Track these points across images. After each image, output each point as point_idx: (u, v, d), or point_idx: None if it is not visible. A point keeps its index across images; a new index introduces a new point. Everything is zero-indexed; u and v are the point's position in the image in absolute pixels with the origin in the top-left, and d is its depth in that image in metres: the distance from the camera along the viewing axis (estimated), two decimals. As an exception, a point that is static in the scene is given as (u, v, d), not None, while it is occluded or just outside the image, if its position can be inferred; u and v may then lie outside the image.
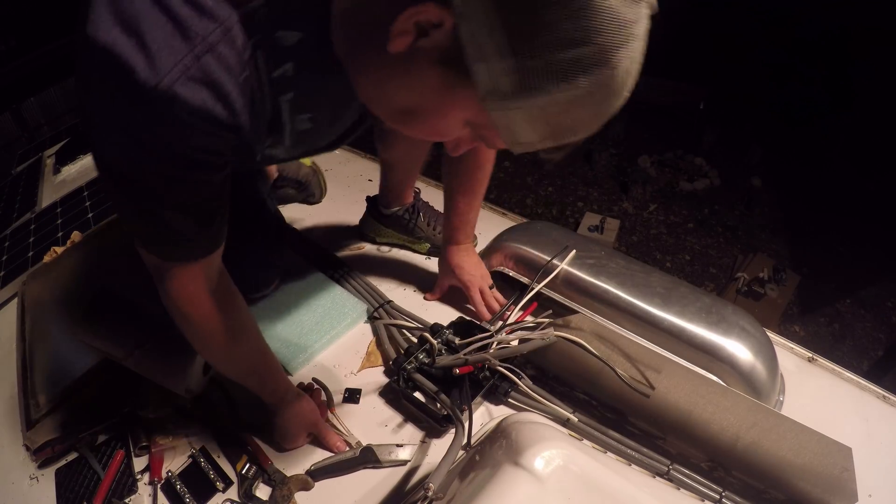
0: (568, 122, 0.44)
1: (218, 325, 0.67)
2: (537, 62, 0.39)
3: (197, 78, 0.43)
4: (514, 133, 0.45)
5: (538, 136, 0.45)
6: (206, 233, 0.58)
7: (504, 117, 0.43)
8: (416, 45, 0.42)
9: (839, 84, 3.63)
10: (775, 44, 4.18)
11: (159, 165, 0.48)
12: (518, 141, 0.46)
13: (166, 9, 0.42)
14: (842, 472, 0.65)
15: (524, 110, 0.42)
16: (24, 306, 1.15)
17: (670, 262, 2.84)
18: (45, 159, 2.04)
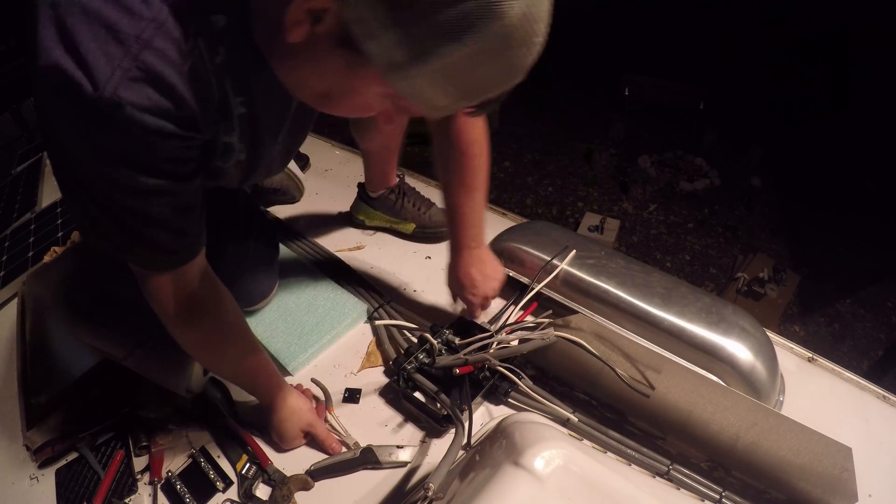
0: (475, 81, 0.44)
1: (203, 326, 0.68)
2: (422, 28, 0.39)
3: (138, 77, 0.43)
4: (425, 99, 0.45)
5: (449, 98, 0.45)
6: (183, 242, 0.59)
7: (409, 86, 0.44)
8: (314, 31, 0.43)
9: (839, 84, 3.63)
10: (775, 44, 4.19)
11: (128, 179, 0.48)
12: (433, 106, 0.46)
13: (97, 17, 0.42)
14: (842, 472, 0.65)
15: (425, 76, 0.42)
16: (24, 306, 1.15)
17: (670, 262, 2.84)
18: (45, 159, 2.04)
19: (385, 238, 1.27)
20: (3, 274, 1.40)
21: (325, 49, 0.45)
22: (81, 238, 0.58)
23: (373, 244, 1.26)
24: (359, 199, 1.27)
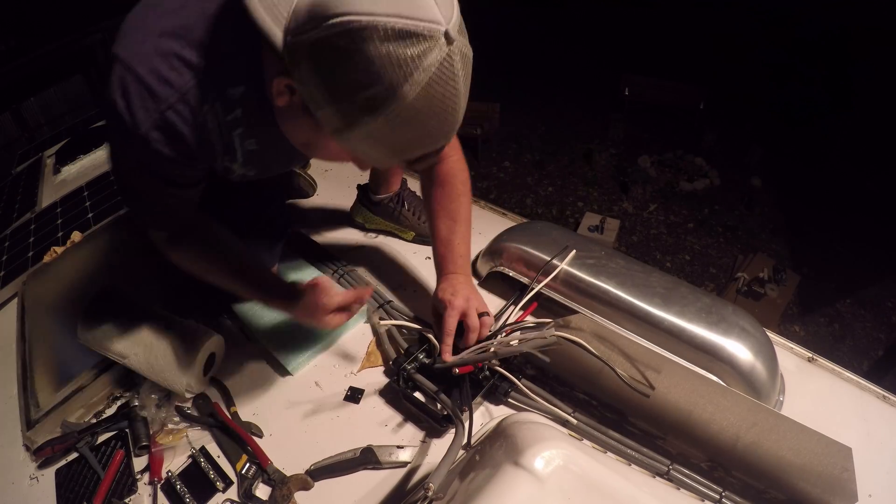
0: (400, 142, 0.58)
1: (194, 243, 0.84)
2: (347, 105, 0.55)
3: (160, 126, 0.64)
4: (364, 154, 0.62)
5: (381, 155, 0.61)
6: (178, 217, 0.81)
7: (349, 145, 0.59)
8: (292, 100, 0.60)
9: (839, 84, 3.64)
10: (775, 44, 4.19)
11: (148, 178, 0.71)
12: (374, 160, 0.63)
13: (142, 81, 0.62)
14: (842, 472, 0.65)
15: (358, 139, 0.57)
16: (24, 306, 1.15)
17: (670, 262, 2.84)
18: (45, 159, 2.04)
19: (385, 238, 1.27)
20: (3, 274, 1.40)
21: (298, 113, 0.61)
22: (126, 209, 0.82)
23: (373, 244, 1.26)
24: (359, 203, 1.27)
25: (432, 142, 0.60)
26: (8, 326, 1.15)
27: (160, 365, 0.87)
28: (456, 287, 0.89)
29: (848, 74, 3.63)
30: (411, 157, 0.61)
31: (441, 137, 0.59)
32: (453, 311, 0.86)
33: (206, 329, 0.93)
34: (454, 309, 0.86)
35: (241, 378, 0.96)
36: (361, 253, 1.23)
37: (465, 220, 0.96)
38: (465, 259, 0.96)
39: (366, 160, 0.65)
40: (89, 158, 1.90)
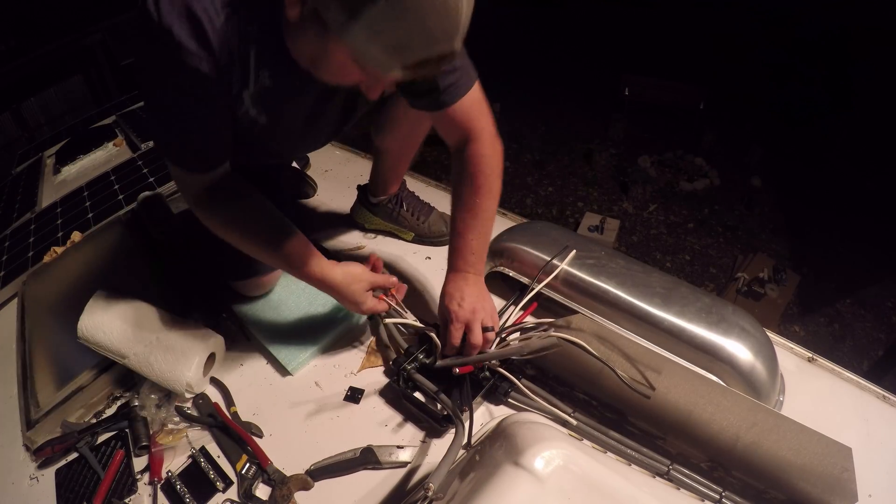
0: (400, 37, 0.57)
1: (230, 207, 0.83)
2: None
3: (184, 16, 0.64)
4: (368, 55, 0.60)
5: (381, 52, 0.59)
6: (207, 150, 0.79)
7: (353, 42, 0.59)
8: (303, 10, 0.61)
9: (839, 84, 3.64)
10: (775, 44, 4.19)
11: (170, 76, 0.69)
12: (377, 63, 0.60)
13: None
14: (842, 472, 0.65)
15: (361, 32, 0.57)
16: (24, 306, 1.15)
17: (670, 262, 2.84)
18: (45, 159, 2.04)
19: (385, 239, 1.27)
20: (3, 274, 1.40)
21: (308, 22, 0.62)
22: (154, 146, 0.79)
23: (373, 245, 1.26)
24: (359, 203, 1.27)
25: (432, 43, 0.58)
26: (8, 326, 1.15)
27: (160, 365, 0.87)
28: (464, 293, 0.87)
29: (848, 74, 3.63)
30: (412, 59, 0.59)
31: (442, 38, 0.58)
32: (458, 324, 0.85)
33: (206, 329, 0.93)
34: (459, 322, 0.85)
35: (241, 378, 0.96)
36: (362, 253, 1.23)
37: (486, 214, 0.91)
38: (479, 257, 0.91)
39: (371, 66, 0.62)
40: (89, 158, 1.91)
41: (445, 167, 3.44)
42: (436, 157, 3.38)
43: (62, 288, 1.20)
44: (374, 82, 0.68)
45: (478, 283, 0.90)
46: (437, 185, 1.45)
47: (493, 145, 0.91)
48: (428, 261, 1.20)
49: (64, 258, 1.30)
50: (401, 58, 0.59)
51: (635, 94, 3.79)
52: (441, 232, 1.23)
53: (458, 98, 0.86)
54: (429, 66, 0.61)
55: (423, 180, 1.45)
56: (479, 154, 0.89)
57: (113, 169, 1.76)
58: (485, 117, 0.91)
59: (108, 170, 1.77)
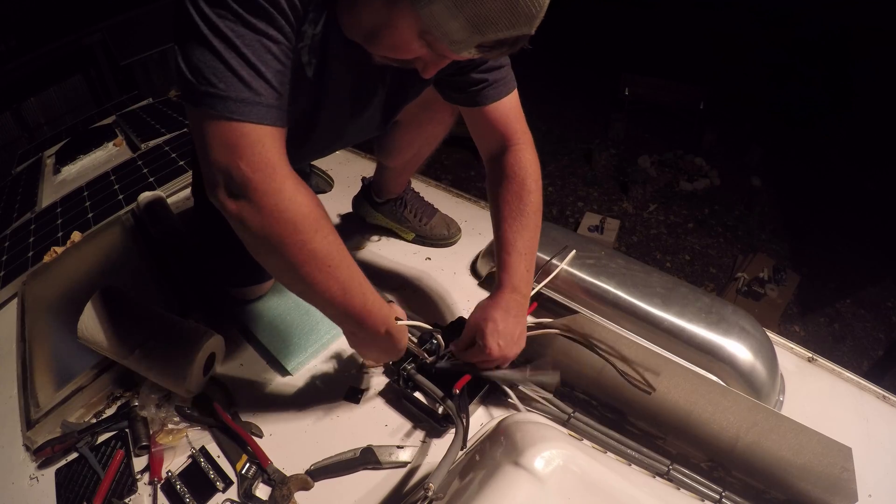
0: (483, 12, 0.53)
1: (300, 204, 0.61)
2: None
3: None
4: (443, 29, 0.55)
5: (459, 26, 0.54)
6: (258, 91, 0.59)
7: (430, 15, 0.54)
8: None
9: (839, 84, 3.64)
10: (775, 44, 4.19)
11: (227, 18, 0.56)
12: (451, 38, 0.56)
13: None
14: (842, 472, 0.65)
15: (442, 3, 0.53)
16: (24, 306, 1.15)
17: (670, 262, 2.84)
18: (45, 159, 2.04)
19: (386, 239, 1.27)
20: (3, 274, 1.40)
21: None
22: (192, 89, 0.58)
23: (374, 246, 1.26)
24: (362, 198, 1.27)
25: (515, 21, 0.54)
26: (8, 326, 1.15)
27: (160, 365, 0.87)
28: (508, 329, 0.79)
29: (848, 74, 3.64)
30: (489, 38, 0.55)
31: (524, 20, 0.55)
32: (491, 361, 0.81)
33: (206, 329, 0.93)
34: (492, 360, 0.80)
35: (241, 378, 0.96)
36: (362, 253, 1.23)
37: (535, 223, 0.85)
38: (530, 276, 0.85)
39: (442, 41, 0.56)
40: (89, 158, 1.91)
41: (446, 167, 3.44)
42: (436, 157, 3.38)
43: (62, 288, 1.20)
44: (435, 60, 0.63)
45: (523, 314, 0.83)
46: (437, 185, 1.45)
47: (534, 153, 0.86)
48: (428, 261, 1.20)
49: (64, 258, 1.30)
50: (480, 35, 0.55)
51: (635, 93, 3.79)
52: (442, 235, 1.23)
53: (498, 98, 0.82)
54: (504, 47, 0.58)
55: (425, 181, 1.45)
56: (525, 160, 0.84)
57: (113, 169, 1.76)
58: (522, 122, 0.87)
59: (108, 170, 1.77)
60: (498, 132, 0.85)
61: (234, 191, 0.59)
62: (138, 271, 1.14)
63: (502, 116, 0.84)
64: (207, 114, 0.58)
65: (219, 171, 0.59)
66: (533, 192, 0.84)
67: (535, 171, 0.86)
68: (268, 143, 0.59)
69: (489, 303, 0.82)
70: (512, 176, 0.84)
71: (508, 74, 0.82)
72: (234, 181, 0.58)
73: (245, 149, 0.58)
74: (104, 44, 3.08)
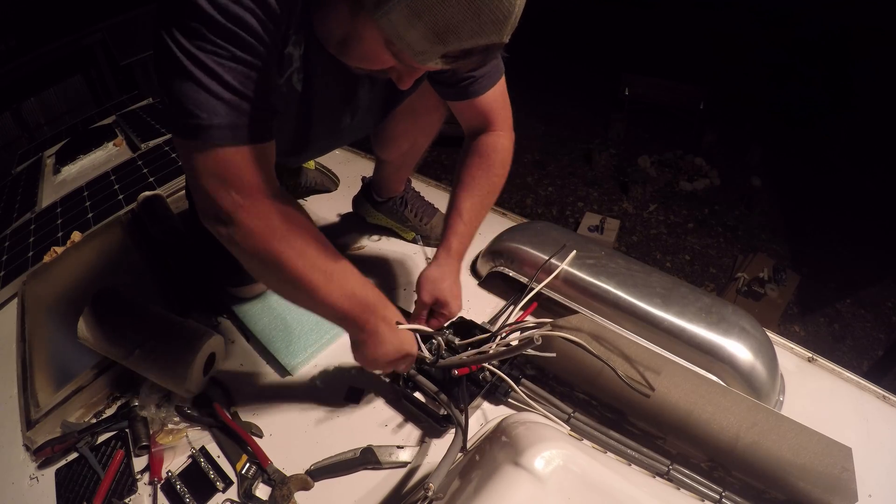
0: (445, 20, 0.50)
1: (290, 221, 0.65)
2: None
3: None
4: (405, 40, 0.53)
5: (422, 36, 0.52)
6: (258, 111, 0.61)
7: (390, 24, 0.53)
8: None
9: (839, 84, 3.64)
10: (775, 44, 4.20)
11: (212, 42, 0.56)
12: (413, 49, 0.54)
13: None
14: (842, 472, 0.65)
15: (398, 12, 0.51)
16: (24, 306, 1.15)
17: (670, 262, 2.84)
18: (45, 159, 2.04)
19: (385, 239, 1.27)
20: (3, 274, 1.40)
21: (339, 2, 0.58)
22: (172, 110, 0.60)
23: (374, 245, 1.26)
24: (363, 197, 1.27)
25: (481, 28, 0.51)
26: (8, 326, 1.15)
27: (160, 365, 0.87)
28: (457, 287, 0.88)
29: (848, 74, 3.64)
30: (454, 48, 0.53)
31: (491, 27, 0.51)
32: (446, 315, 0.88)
33: (206, 329, 0.93)
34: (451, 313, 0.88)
35: (241, 378, 0.96)
36: (362, 253, 1.23)
37: (489, 201, 0.91)
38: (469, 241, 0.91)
39: (406, 52, 0.55)
40: (89, 158, 1.91)
41: (446, 167, 3.44)
42: (436, 157, 3.38)
43: (62, 288, 1.20)
44: (408, 71, 0.62)
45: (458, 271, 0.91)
46: (437, 185, 1.45)
47: (510, 139, 0.91)
48: (428, 261, 1.20)
49: (64, 258, 1.30)
50: (443, 45, 0.52)
51: (635, 94, 3.79)
52: None
53: (486, 90, 0.84)
54: (472, 57, 0.55)
55: (425, 181, 1.45)
56: (498, 146, 0.89)
57: (113, 169, 1.77)
58: (506, 109, 0.90)
59: (108, 170, 1.77)
60: (480, 118, 0.89)
61: (222, 217, 0.62)
62: (138, 271, 1.14)
63: (487, 105, 0.87)
64: (192, 145, 0.60)
65: (208, 200, 0.62)
66: (496, 174, 0.89)
67: (505, 157, 0.90)
68: (253, 163, 0.62)
69: (439, 272, 0.87)
70: (483, 153, 0.89)
71: (495, 65, 0.84)
72: (222, 209, 0.61)
73: (231, 175, 0.61)
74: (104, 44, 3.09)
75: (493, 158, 0.89)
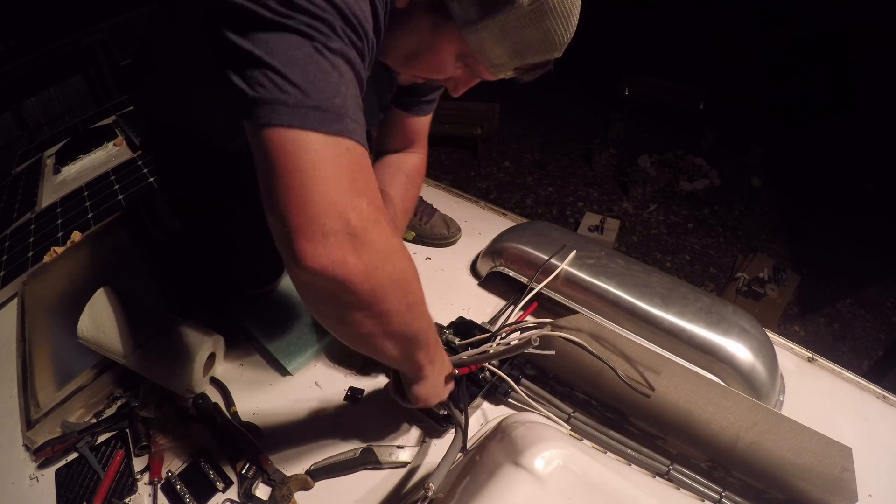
0: (525, 41, 0.58)
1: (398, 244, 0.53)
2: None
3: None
4: (487, 54, 0.60)
5: (504, 52, 0.60)
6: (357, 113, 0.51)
7: (477, 41, 0.59)
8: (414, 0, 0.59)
9: (839, 84, 3.64)
10: (775, 44, 4.20)
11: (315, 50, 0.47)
12: (493, 62, 0.61)
13: None
14: (842, 472, 0.65)
15: (490, 30, 0.57)
16: (24, 306, 1.15)
17: (670, 262, 2.84)
18: (45, 159, 2.04)
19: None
20: (3, 274, 1.40)
21: (418, 14, 0.60)
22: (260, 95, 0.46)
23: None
24: None
25: (551, 47, 0.60)
26: (8, 326, 1.15)
27: (160, 364, 0.87)
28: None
29: (848, 74, 3.64)
30: (526, 62, 0.61)
31: (558, 45, 0.61)
32: None
33: (206, 329, 0.93)
34: None
35: (241, 378, 0.96)
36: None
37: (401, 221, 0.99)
38: None
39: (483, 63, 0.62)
40: (89, 158, 1.90)
41: (446, 167, 3.44)
42: (436, 158, 3.38)
43: (62, 288, 1.20)
44: (467, 80, 0.69)
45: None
46: (437, 185, 1.45)
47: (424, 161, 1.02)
48: (428, 261, 1.20)
49: (64, 258, 1.30)
50: (520, 59, 0.61)
51: (635, 94, 3.80)
52: (442, 235, 1.23)
53: (426, 114, 0.96)
54: (538, 70, 0.63)
55: (425, 181, 1.44)
56: (421, 171, 1.01)
57: (113, 169, 1.76)
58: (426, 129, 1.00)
59: (108, 170, 1.77)
60: (411, 138, 0.99)
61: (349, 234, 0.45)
62: (138, 271, 1.14)
63: (422, 127, 0.98)
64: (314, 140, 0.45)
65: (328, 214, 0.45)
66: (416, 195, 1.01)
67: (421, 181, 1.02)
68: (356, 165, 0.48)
69: None
70: (408, 173, 0.97)
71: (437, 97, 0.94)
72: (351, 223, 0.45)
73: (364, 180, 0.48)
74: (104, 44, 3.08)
75: (417, 182, 1.00)
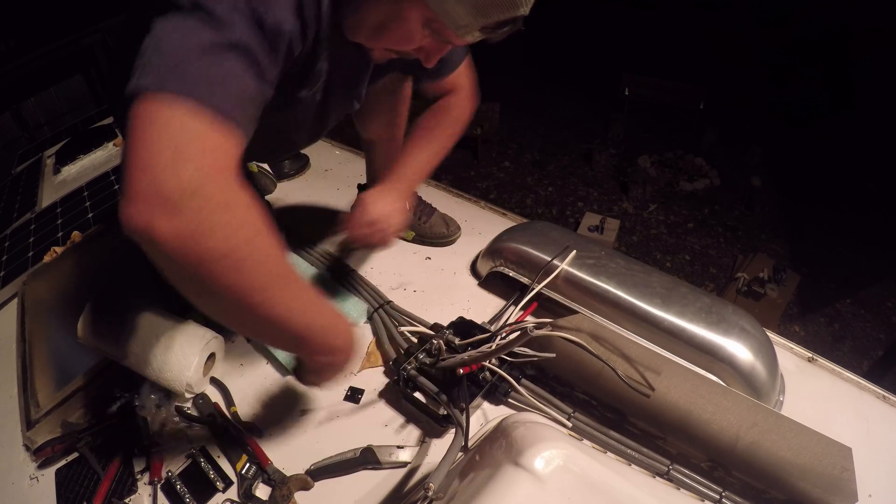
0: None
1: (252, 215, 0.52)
2: None
3: None
4: (450, 16, 0.60)
5: (466, 11, 0.59)
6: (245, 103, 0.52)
7: (439, 2, 0.58)
8: None
9: (839, 84, 3.64)
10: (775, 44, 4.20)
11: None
12: (457, 23, 0.60)
13: None
14: (842, 472, 0.65)
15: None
16: (24, 306, 1.15)
17: (670, 262, 2.84)
18: (45, 159, 2.04)
19: (385, 238, 1.27)
20: (3, 274, 1.40)
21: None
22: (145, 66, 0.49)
23: (373, 244, 1.26)
24: None
25: (515, 4, 0.60)
26: (8, 326, 1.15)
27: (160, 365, 0.87)
28: (379, 204, 0.89)
29: (848, 74, 3.64)
30: (492, 19, 0.61)
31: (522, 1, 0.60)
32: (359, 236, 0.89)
33: (206, 329, 0.93)
34: (358, 233, 0.89)
35: (241, 378, 0.96)
36: (361, 253, 1.23)
37: (440, 147, 0.97)
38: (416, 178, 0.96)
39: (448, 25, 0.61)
40: (89, 158, 1.91)
41: (446, 167, 3.44)
42: (436, 157, 3.38)
43: (62, 288, 1.20)
44: (438, 48, 0.69)
45: (401, 197, 0.92)
46: (437, 185, 1.46)
47: (470, 99, 0.98)
48: (428, 261, 1.20)
49: (64, 258, 1.30)
50: (484, 17, 0.60)
51: (635, 94, 3.80)
52: (442, 234, 1.23)
53: (455, 69, 0.93)
54: (505, 27, 0.62)
55: (425, 181, 1.45)
56: (455, 103, 0.97)
57: (113, 169, 1.76)
58: (467, 77, 0.97)
59: (108, 170, 1.77)
60: (445, 90, 0.97)
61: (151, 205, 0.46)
62: (138, 271, 1.14)
63: (452, 80, 0.95)
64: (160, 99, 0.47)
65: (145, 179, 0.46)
66: (449, 125, 0.96)
67: (459, 113, 0.97)
68: (219, 145, 0.50)
69: (368, 191, 0.91)
70: (438, 109, 0.96)
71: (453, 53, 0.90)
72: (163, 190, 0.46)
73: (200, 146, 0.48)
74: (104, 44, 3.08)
75: (447, 113, 0.96)
